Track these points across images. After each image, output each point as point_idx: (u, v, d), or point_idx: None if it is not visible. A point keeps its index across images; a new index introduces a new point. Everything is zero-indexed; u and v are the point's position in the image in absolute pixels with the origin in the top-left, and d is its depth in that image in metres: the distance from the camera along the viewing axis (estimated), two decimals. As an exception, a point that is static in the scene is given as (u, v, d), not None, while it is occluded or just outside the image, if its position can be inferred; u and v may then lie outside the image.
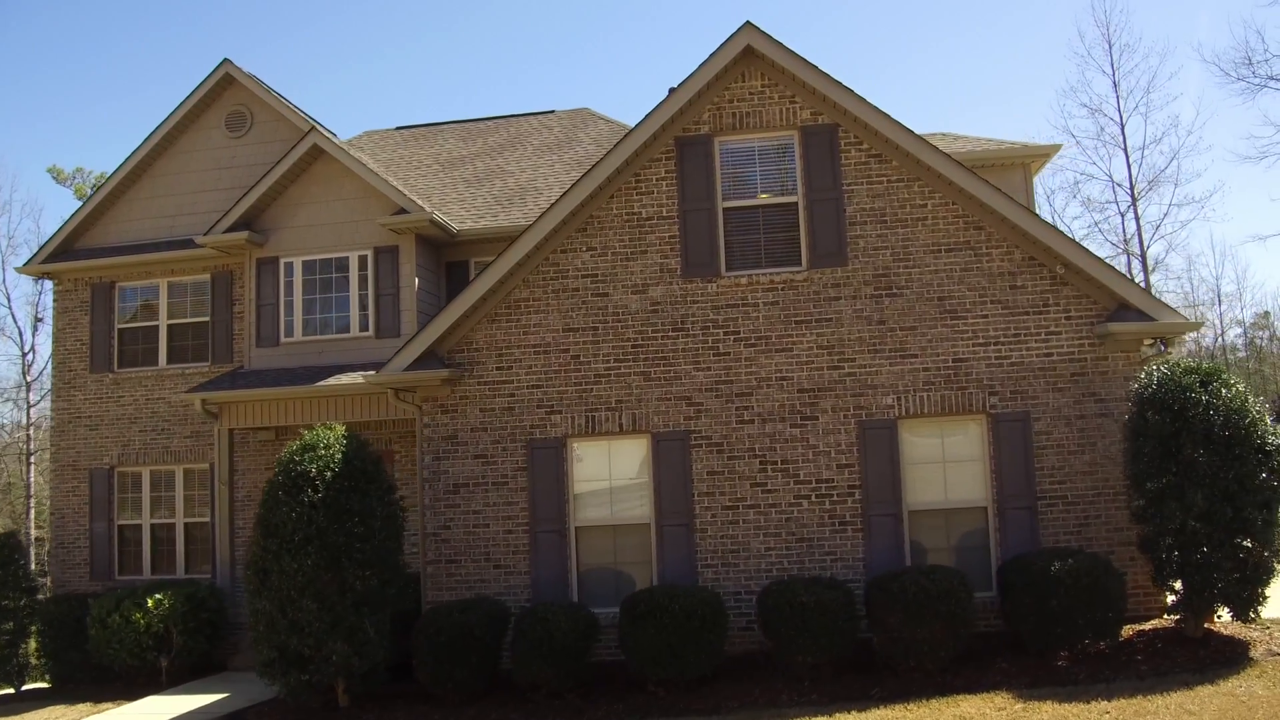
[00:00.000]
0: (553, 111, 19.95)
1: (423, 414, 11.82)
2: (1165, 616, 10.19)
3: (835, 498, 11.01)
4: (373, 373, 12.00)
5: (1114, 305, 10.79)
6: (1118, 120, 26.86)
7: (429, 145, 19.55)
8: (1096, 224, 40.42)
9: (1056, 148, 13.90)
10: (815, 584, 9.80)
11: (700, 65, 11.37)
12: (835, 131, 11.40)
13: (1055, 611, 9.22)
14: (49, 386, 21.97)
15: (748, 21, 11.27)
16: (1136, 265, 26.59)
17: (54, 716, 12.53)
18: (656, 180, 11.63)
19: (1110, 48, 31.44)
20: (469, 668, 10.07)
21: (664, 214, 11.58)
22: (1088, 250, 10.91)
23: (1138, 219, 26.34)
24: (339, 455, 10.38)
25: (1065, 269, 10.88)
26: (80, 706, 12.86)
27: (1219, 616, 9.86)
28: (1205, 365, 9.64)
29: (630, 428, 11.38)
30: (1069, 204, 53.31)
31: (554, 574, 11.36)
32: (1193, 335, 32.73)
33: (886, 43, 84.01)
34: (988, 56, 70.87)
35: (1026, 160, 13.91)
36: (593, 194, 11.54)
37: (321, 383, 14.20)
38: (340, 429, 10.85)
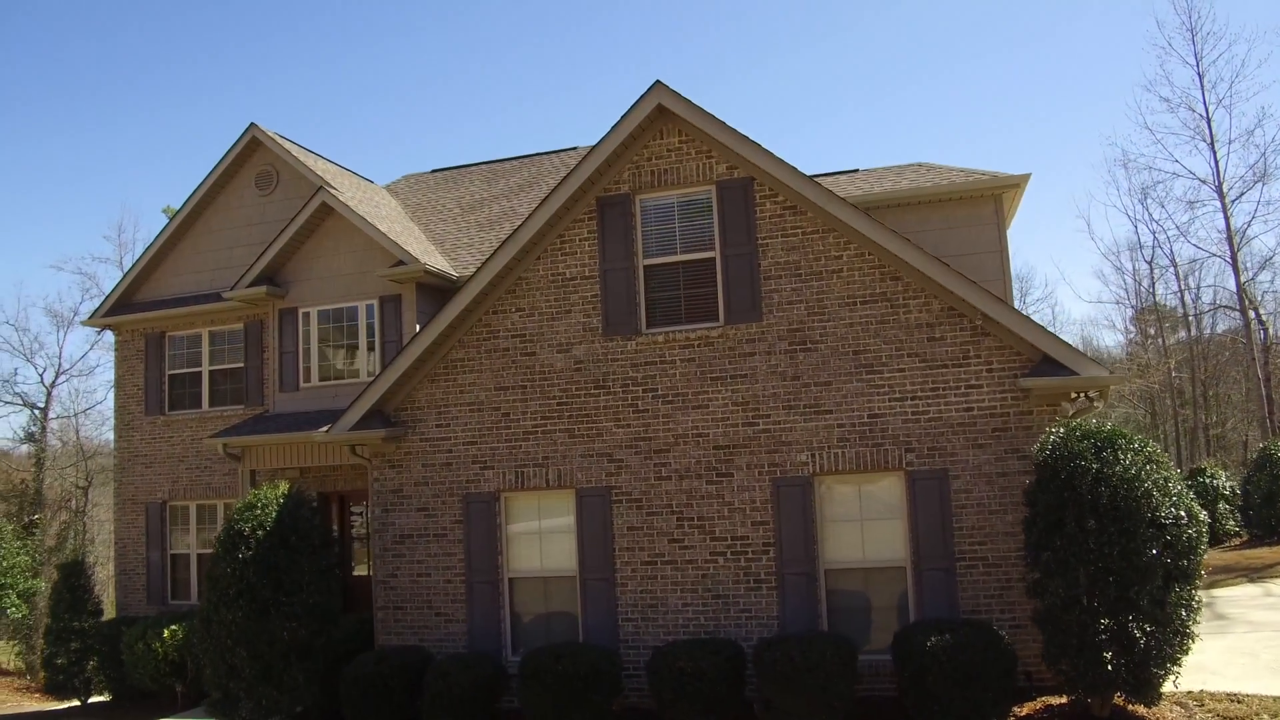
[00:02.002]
0: (574, 148, 20.32)
1: (372, 468, 12.49)
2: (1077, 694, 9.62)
3: (750, 555, 10.95)
4: (326, 429, 12.74)
5: (1037, 357, 10.25)
6: (1202, 113, 24.73)
7: (455, 188, 20.32)
8: (1179, 227, 37.23)
9: (1026, 177, 13.18)
10: (700, 648, 9.84)
11: (614, 125, 11.50)
12: (750, 185, 11.29)
13: (932, 689, 8.93)
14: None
15: (657, 81, 11.32)
16: (1227, 268, 24.46)
17: (78, 737, 13.97)
18: (580, 240, 11.84)
19: (1194, 35, 28.76)
20: (383, 715, 10.65)
21: (586, 274, 11.78)
22: (1003, 301, 10.39)
23: (1227, 218, 24.23)
24: (273, 515, 11.17)
25: (984, 320, 10.42)
26: (102, 727, 14.28)
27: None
28: (1107, 429, 9.07)
29: (556, 483, 11.67)
30: (1148, 203, 49.08)
31: (489, 623, 11.79)
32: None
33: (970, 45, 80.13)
34: (1061, 55, 66.53)
35: (997, 191, 13.27)
36: (518, 256, 11.88)
37: (316, 430, 15.10)
38: (283, 488, 11.65)
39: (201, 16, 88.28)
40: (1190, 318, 36.11)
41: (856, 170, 15.32)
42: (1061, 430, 9.15)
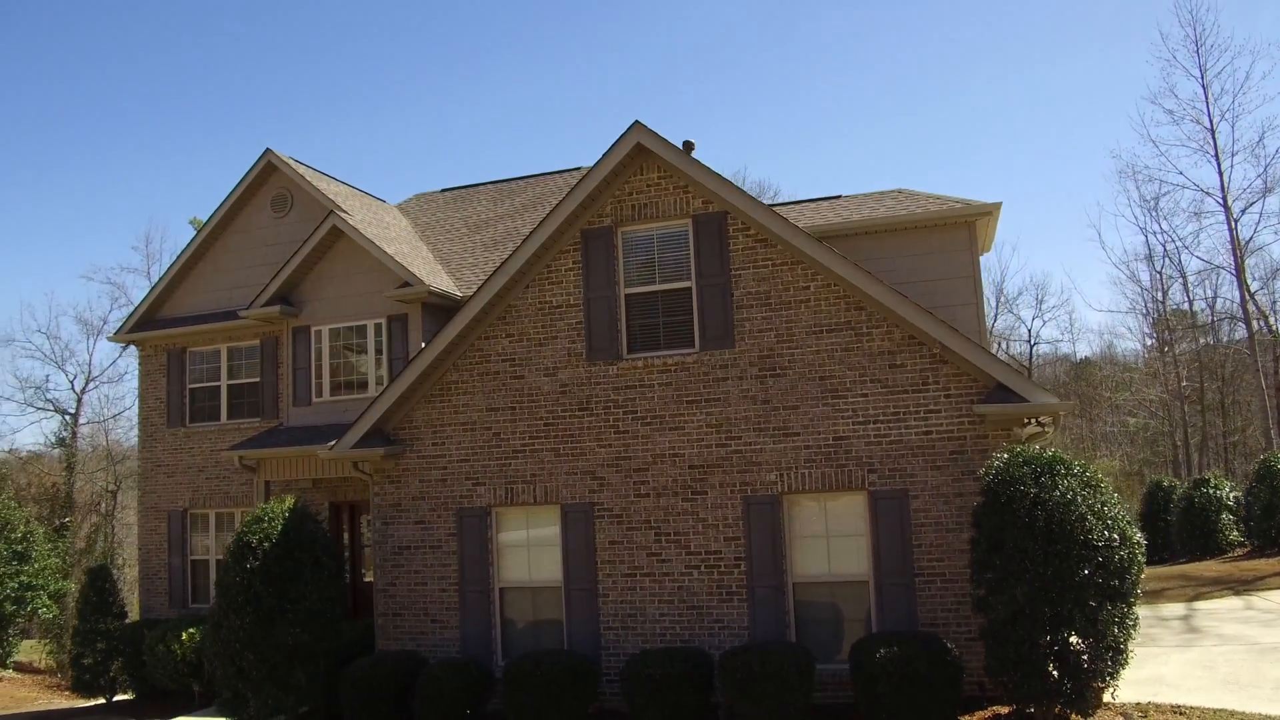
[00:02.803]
0: (578, 168, 21.04)
1: (373, 483, 13.28)
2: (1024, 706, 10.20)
3: (723, 569, 11.62)
4: (331, 445, 13.53)
5: (992, 384, 10.85)
6: (1207, 125, 25.06)
7: (464, 207, 21.11)
8: (1182, 240, 37.24)
9: (998, 205, 13.73)
10: (669, 656, 10.53)
11: (597, 162, 12.21)
12: (725, 219, 11.96)
13: (882, 698, 9.56)
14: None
15: (636, 121, 12.02)
16: (1233, 281, 24.79)
17: (101, 732, 14.87)
18: (565, 270, 12.56)
19: (1198, 48, 29.00)
20: (379, 715, 11.43)
21: (572, 301, 12.50)
22: (958, 332, 10.98)
23: (1232, 230, 24.55)
24: (279, 527, 11.97)
25: (942, 348, 11.03)
26: (124, 723, 15.18)
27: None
28: (1048, 455, 9.65)
29: (543, 499, 12.39)
30: (1158, 214, 48.95)
31: (480, 630, 12.54)
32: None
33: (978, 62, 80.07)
34: (1062, 67, 66.43)
35: (970, 218, 13.82)
36: (509, 284, 12.62)
37: (323, 446, 15.92)
38: (289, 502, 12.46)
39: (227, 39, 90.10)
40: (1201, 327, 36.30)
41: (839, 196, 15.93)
42: (1005, 456, 9.74)
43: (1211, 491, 26.30)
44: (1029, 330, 46.94)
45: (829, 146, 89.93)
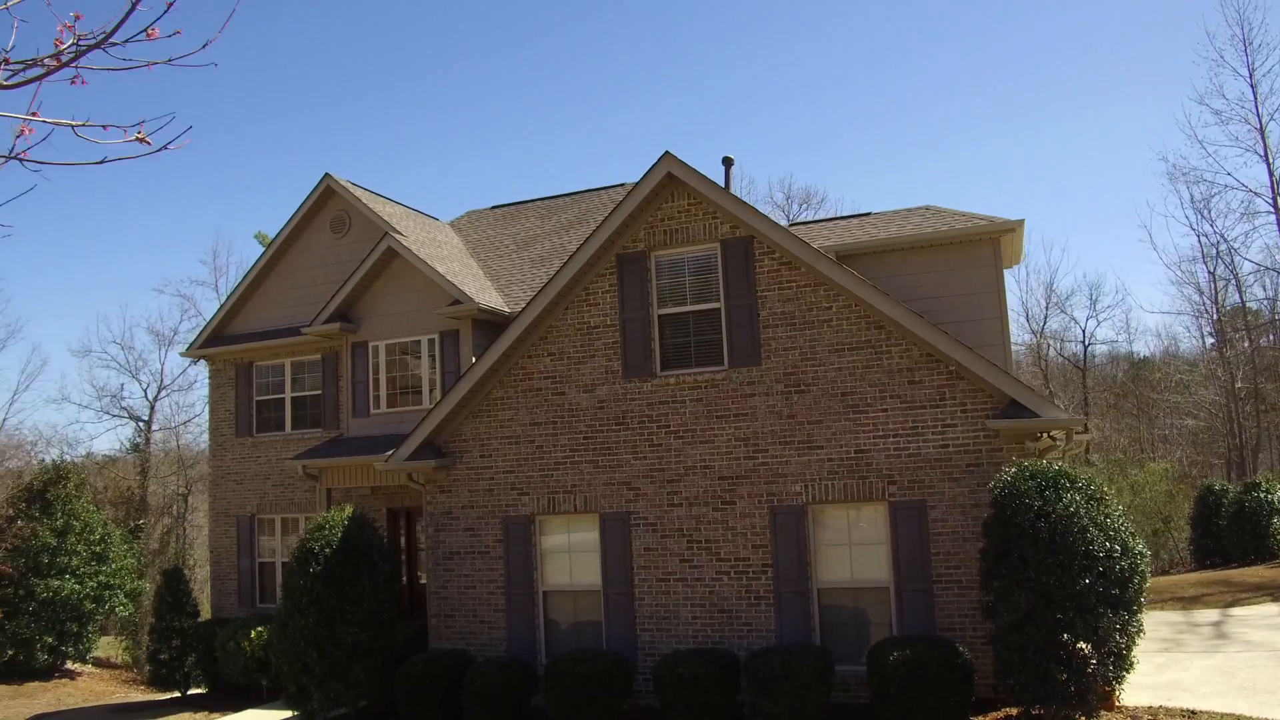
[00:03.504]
0: (622, 184, 21.80)
1: (425, 492, 14.19)
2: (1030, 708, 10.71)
3: (751, 575, 12.29)
4: (387, 457, 14.46)
5: (1005, 400, 11.38)
6: (1256, 126, 24.96)
7: (513, 224, 22.01)
8: (1230, 241, 36.59)
9: (1020, 222, 14.18)
10: (698, 657, 11.24)
11: (630, 190, 12.97)
12: (751, 243, 12.64)
13: (893, 698, 10.17)
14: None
15: (667, 152, 12.76)
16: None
17: (178, 722, 16.02)
18: (602, 293, 13.34)
19: (1246, 47, 28.73)
20: (430, 709, 12.31)
21: (608, 322, 13.27)
22: (972, 351, 11.52)
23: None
24: (339, 535, 12.93)
25: (958, 365, 11.58)
26: (199, 714, 16.32)
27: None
28: (1054, 469, 10.17)
29: (583, 508, 13.18)
30: (1210, 214, 47.96)
31: (526, 630, 13.37)
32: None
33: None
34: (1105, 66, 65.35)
35: (995, 235, 14.30)
36: (549, 307, 13.43)
37: (380, 456, 16.91)
38: (348, 511, 13.42)
39: (287, 65, 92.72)
40: (1260, 327, 35.88)
41: (869, 214, 16.48)
42: (1013, 470, 10.28)
43: (1263, 495, 26.21)
44: (1083, 331, 46.66)
45: (875, 147, 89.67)
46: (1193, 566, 27.64)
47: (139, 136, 3.11)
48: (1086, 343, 46.59)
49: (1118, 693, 10.32)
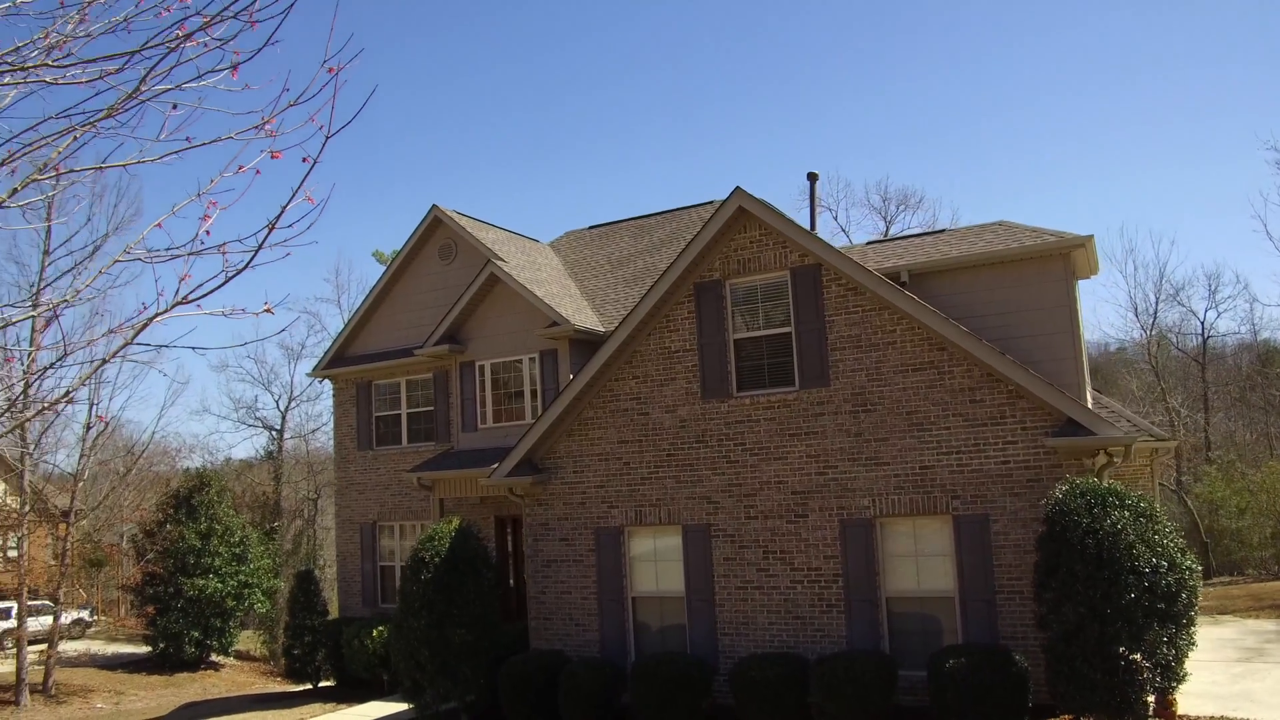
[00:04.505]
0: (710, 201, 22.69)
1: (525, 505, 15.43)
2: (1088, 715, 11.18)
3: (823, 584, 13.08)
4: (491, 471, 15.74)
5: (1062, 419, 11.86)
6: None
7: (607, 244, 23.16)
8: None
9: (1090, 238, 14.41)
10: (769, 661, 12.11)
11: (705, 224, 13.90)
12: (819, 270, 13.40)
13: (950, 703, 10.84)
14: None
15: (738, 188, 13.62)
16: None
17: (310, 712, 17.73)
18: (681, 319, 14.30)
19: None
20: (529, 705, 13.51)
21: (688, 346, 14.22)
22: (1029, 371, 12.02)
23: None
24: (446, 545, 14.26)
25: (1016, 385, 12.11)
26: (328, 705, 18.01)
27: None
28: (1104, 487, 10.65)
29: (667, 520, 14.18)
30: None
31: (616, 633, 14.46)
32: None
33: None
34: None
35: (1064, 250, 14.60)
36: (633, 333, 14.47)
37: (484, 470, 18.26)
38: (455, 523, 14.75)
39: (410, 92, 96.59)
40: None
41: (943, 231, 16.95)
42: (1065, 488, 10.79)
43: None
44: (1202, 323, 45.19)
45: (979, 144, 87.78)
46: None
47: (266, 308, 4.23)
48: (1206, 335, 45.12)
49: (1176, 702, 10.72)
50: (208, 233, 4.42)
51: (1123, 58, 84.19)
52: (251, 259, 3.92)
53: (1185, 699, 12.02)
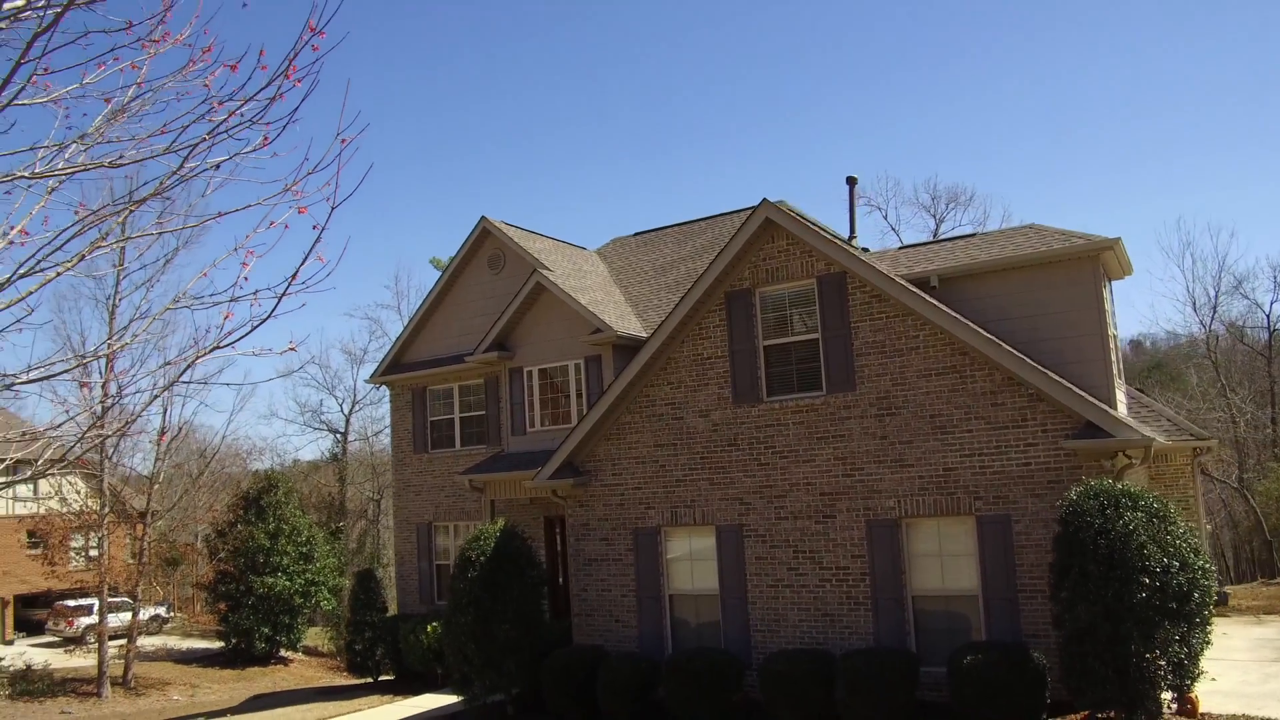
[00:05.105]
0: (765, 199, 23.04)
1: (567, 506, 16.10)
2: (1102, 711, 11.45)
3: (850, 582, 13.51)
4: (535, 474, 16.43)
5: (1082, 422, 12.14)
6: None
7: (651, 250, 23.75)
8: None
9: (1117, 240, 14.53)
10: (796, 656, 12.60)
11: (734, 235, 14.41)
12: (844, 278, 13.82)
13: (969, 699, 11.22)
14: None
15: (764, 200, 14.11)
16: None
17: (370, 703, 18.66)
18: (713, 327, 14.83)
19: None
20: (571, 697, 14.18)
21: (719, 353, 14.75)
22: (1048, 375, 12.30)
23: None
24: (492, 545, 14.99)
25: (1037, 389, 12.41)
26: (386, 697, 18.92)
27: (1169, 708, 11.03)
28: (1117, 489, 10.92)
29: (701, 521, 14.73)
30: None
31: (654, 629, 15.05)
32: None
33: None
34: None
35: (1093, 253, 14.76)
36: (667, 341, 15.04)
37: (535, 470, 18.96)
38: (500, 524, 15.49)
39: (462, 105, 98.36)
40: None
41: (974, 234, 17.19)
42: (1079, 489, 11.09)
43: None
44: (1268, 316, 44.20)
45: (1024, 139, 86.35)
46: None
47: (290, 347, 4.91)
48: (1272, 328, 44.13)
49: (1198, 699, 10.94)
50: (245, 278, 5.12)
51: (1159, 51, 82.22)
52: (273, 310, 4.60)
53: (1214, 697, 12.21)
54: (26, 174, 4.11)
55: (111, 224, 4.70)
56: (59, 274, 4.22)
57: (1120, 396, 15.54)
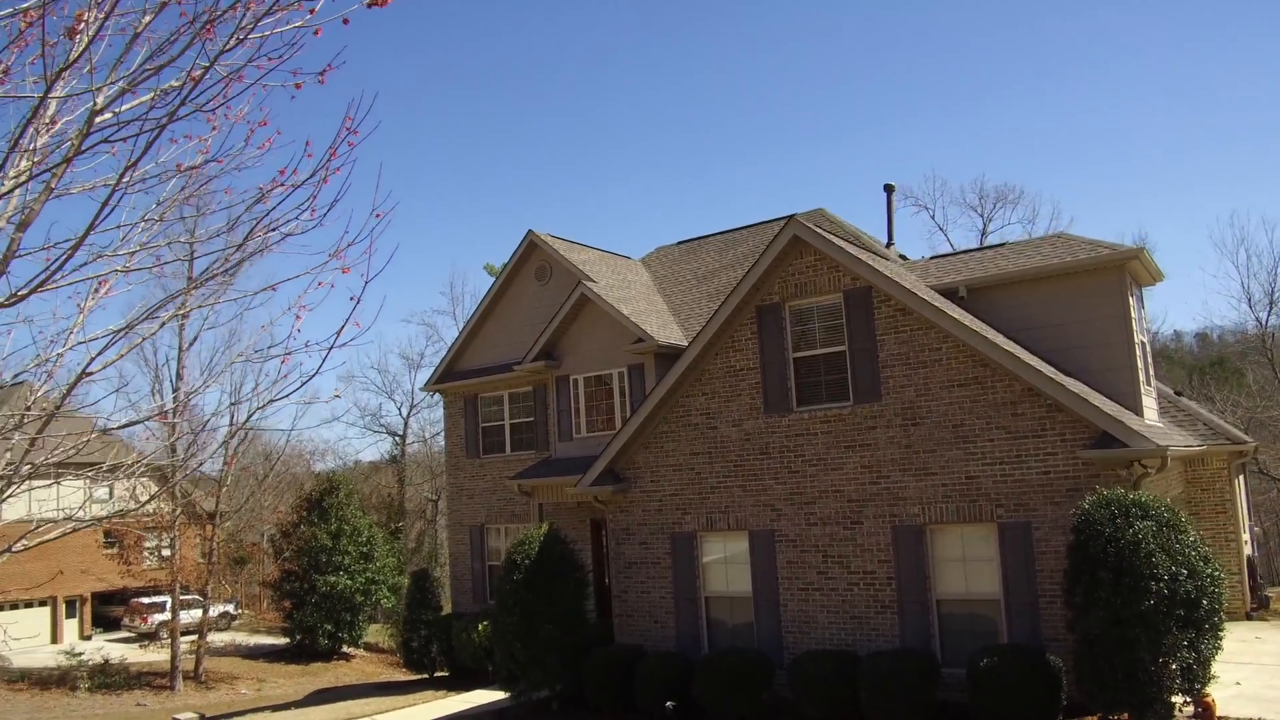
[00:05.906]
0: (794, 216, 23.57)
1: (608, 511, 16.84)
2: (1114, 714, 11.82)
3: (877, 586, 14.03)
4: (577, 481, 17.21)
5: (1099, 432, 12.52)
6: None
7: (694, 259, 24.39)
8: None
9: (1141, 249, 14.84)
10: (821, 657, 13.17)
11: (763, 252, 15.01)
12: (869, 293, 14.34)
13: (985, 700, 11.70)
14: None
15: (792, 217, 14.69)
16: None
17: (424, 698, 19.61)
18: (745, 340, 15.44)
19: None
20: (611, 693, 14.91)
21: (751, 365, 15.36)
22: (1065, 386, 12.69)
23: None
24: (537, 548, 15.78)
25: (1054, 400, 12.81)
26: (440, 692, 19.87)
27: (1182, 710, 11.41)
28: (1129, 498, 11.31)
29: (735, 526, 15.36)
30: None
31: (691, 629, 15.72)
32: None
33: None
34: None
35: (1120, 262, 15.06)
36: (701, 353, 15.68)
37: (581, 474, 19.74)
38: (544, 528, 16.27)
39: (516, 120, 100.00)
40: None
41: (1003, 244, 17.56)
42: (1091, 499, 11.50)
43: None
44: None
45: (1073, 135, 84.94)
46: None
47: (336, 394, 5.70)
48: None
49: (1214, 703, 11.29)
50: (299, 329, 5.92)
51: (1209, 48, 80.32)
52: (319, 368, 5.37)
53: (1236, 701, 12.53)
54: (125, 253, 4.92)
55: (184, 298, 5.53)
56: (143, 340, 5.03)
57: (1150, 402, 15.82)
